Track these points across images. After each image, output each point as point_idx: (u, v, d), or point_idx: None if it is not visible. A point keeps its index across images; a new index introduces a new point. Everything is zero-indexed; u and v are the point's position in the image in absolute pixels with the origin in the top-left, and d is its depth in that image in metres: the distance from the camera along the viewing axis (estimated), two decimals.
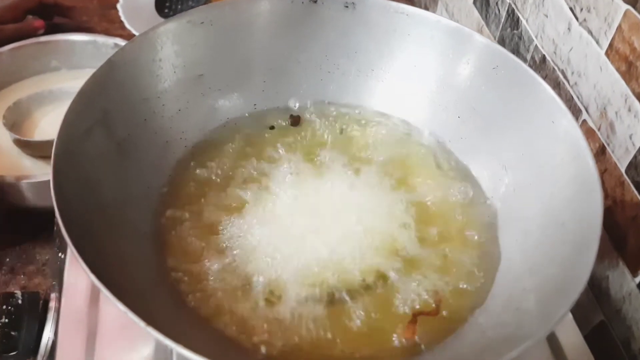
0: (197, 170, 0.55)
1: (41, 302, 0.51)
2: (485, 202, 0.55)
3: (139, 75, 0.52)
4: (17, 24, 0.81)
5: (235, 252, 0.49)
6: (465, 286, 0.48)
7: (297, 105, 0.61)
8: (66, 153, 0.43)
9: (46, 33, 0.81)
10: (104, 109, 0.49)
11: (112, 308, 0.49)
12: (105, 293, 0.35)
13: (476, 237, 0.52)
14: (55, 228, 0.56)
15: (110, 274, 0.38)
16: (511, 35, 0.73)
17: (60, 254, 0.55)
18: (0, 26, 0.78)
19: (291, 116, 0.60)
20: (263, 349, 0.43)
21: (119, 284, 0.37)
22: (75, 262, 0.38)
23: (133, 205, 0.49)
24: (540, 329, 0.37)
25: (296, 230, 0.50)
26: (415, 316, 0.45)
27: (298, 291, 0.46)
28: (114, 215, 0.46)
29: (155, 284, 0.46)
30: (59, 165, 0.42)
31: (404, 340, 0.44)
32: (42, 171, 0.66)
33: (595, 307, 0.58)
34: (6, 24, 0.79)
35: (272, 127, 0.60)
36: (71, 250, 0.37)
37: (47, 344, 0.49)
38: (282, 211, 0.52)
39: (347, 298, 0.46)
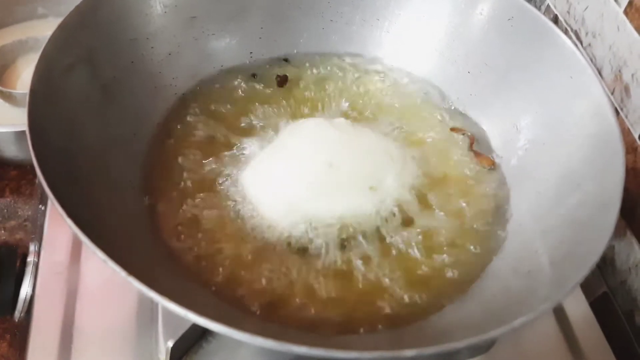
0: (189, 119, 0.52)
1: (19, 256, 0.48)
2: (495, 161, 0.52)
3: (127, 13, 0.49)
4: None
5: (227, 200, 0.47)
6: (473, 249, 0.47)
7: (297, 55, 0.58)
8: (45, 89, 0.41)
9: None
10: (88, 46, 0.46)
11: (95, 262, 0.47)
12: (82, 239, 0.32)
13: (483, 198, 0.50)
14: (37, 180, 0.53)
15: (91, 222, 0.36)
16: None
17: (40, 206, 0.53)
18: None
19: (278, 76, 0.57)
20: (256, 309, 0.41)
21: (99, 232, 0.35)
22: (56, 214, 0.35)
23: (119, 153, 0.46)
24: (555, 293, 0.36)
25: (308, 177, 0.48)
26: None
27: None
28: (97, 162, 0.44)
29: (141, 236, 0.43)
30: (37, 102, 0.39)
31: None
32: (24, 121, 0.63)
33: (598, 278, 0.56)
34: None
35: (275, 76, 0.57)
36: (47, 194, 0.34)
37: (25, 299, 0.47)
38: (276, 163, 0.49)
39: None
